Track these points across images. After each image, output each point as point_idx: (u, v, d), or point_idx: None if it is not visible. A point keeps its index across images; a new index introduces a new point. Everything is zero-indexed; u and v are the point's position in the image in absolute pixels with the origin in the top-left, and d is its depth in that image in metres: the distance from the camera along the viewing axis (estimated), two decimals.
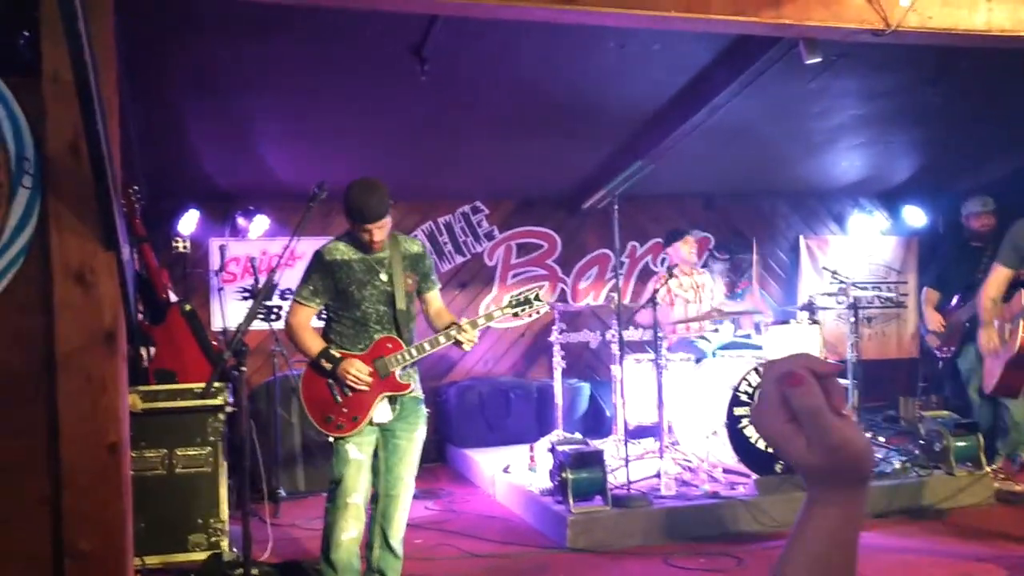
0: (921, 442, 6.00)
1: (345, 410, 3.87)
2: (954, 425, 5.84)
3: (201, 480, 4.83)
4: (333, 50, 4.98)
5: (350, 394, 3.87)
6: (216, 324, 7.09)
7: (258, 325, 6.86)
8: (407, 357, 3.91)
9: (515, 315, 4.13)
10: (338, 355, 3.87)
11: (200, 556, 4.74)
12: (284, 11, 4.31)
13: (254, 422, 6.08)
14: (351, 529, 3.89)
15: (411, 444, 4.05)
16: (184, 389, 4.90)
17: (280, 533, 5.46)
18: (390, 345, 3.92)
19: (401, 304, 3.97)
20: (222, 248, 7.05)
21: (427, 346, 3.93)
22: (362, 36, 4.81)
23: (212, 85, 5.34)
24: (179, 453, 4.82)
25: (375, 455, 3.99)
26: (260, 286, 5.33)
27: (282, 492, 6.22)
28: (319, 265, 3.96)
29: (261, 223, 7.11)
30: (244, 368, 3.57)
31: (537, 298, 4.10)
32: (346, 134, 6.25)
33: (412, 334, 4.04)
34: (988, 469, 5.79)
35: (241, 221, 7.09)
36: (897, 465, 5.84)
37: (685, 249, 6.77)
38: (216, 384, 4.75)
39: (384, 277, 3.97)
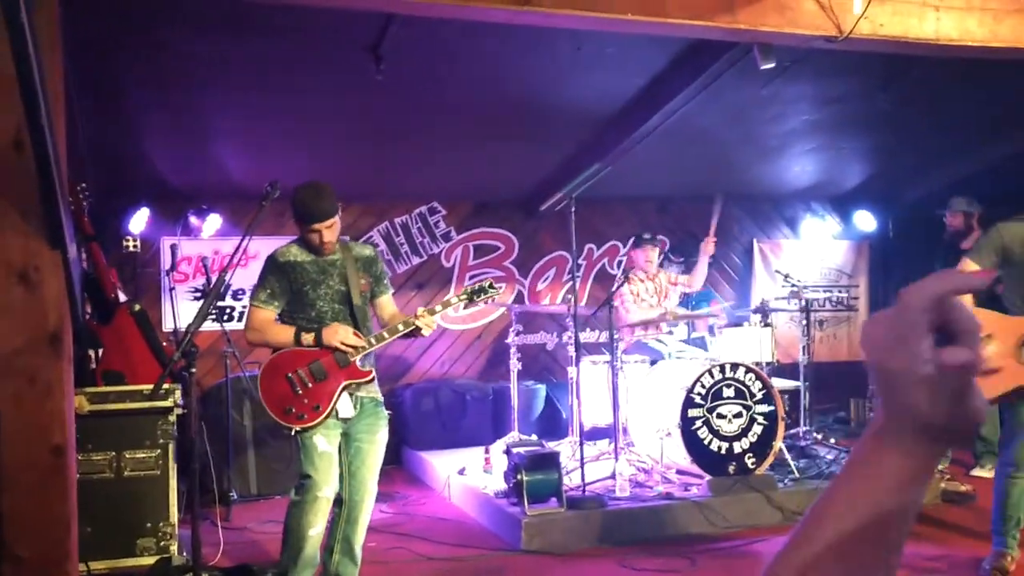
0: None
1: (306, 400, 3.86)
2: None
3: (150, 483, 4.74)
4: (288, 48, 4.93)
5: (311, 385, 3.85)
6: (167, 325, 6.97)
7: (210, 326, 6.80)
8: (365, 346, 3.92)
9: (470, 302, 4.14)
10: (313, 325, 3.90)
11: (148, 561, 4.65)
12: (238, 8, 4.26)
13: (205, 424, 6.00)
14: (319, 524, 3.88)
15: (373, 447, 4.05)
16: (133, 391, 4.81)
17: (232, 536, 5.39)
18: None
19: (357, 300, 4.00)
20: (173, 247, 6.94)
21: (386, 334, 3.95)
22: (317, 34, 4.76)
23: (164, 81, 5.25)
24: (127, 456, 4.72)
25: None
26: (212, 286, 5.25)
27: (234, 495, 6.14)
28: (273, 267, 3.97)
29: (213, 222, 7.01)
30: (194, 369, 3.51)
31: (492, 287, 4.11)
32: (301, 133, 6.19)
33: (370, 330, 4.04)
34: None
35: (193, 220, 6.98)
36: None
37: (642, 257, 6.82)
38: (166, 386, 4.67)
39: (337, 277, 3.99)
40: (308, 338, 3.88)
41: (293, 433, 3.89)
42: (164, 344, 5.64)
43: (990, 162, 7.71)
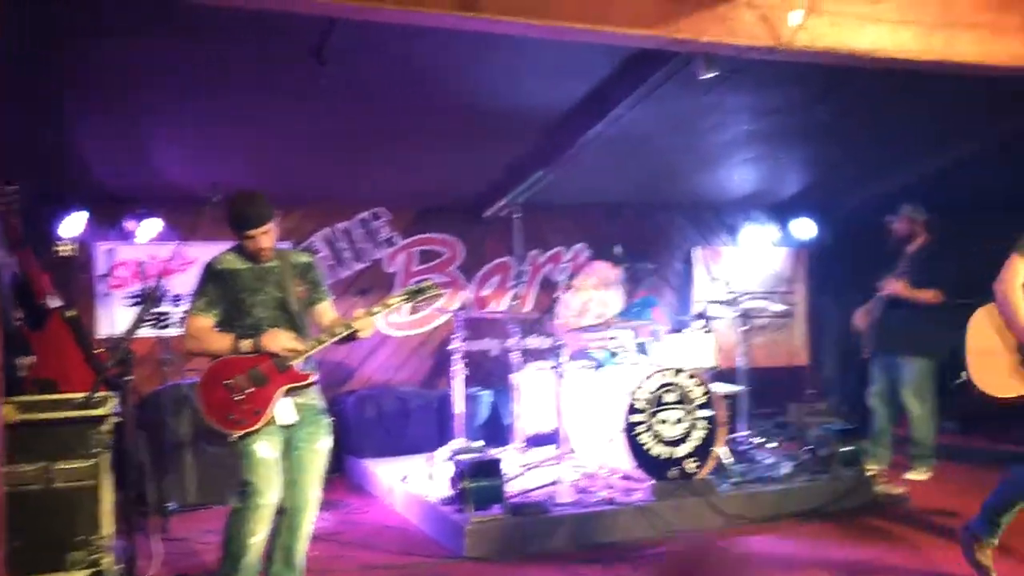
0: (809, 447, 6.21)
1: (246, 406, 3.82)
2: (839, 431, 6.06)
3: (82, 495, 4.60)
4: (230, 50, 4.86)
5: (250, 391, 3.82)
6: (102, 331, 6.82)
7: (148, 332, 6.67)
8: (306, 349, 3.89)
9: (410, 302, 4.12)
10: (251, 332, 3.86)
11: (80, 575, 4.52)
12: (176, 9, 4.19)
13: (143, 432, 5.87)
14: (260, 532, 3.83)
15: (315, 455, 4.02)
16: (65, 399, 4.67)
17: (169, 547, 5.27)
18: None
19: (295, 307, 3.97)
20: (109, 252, 6.78)
21: (325, 337, 3.93)
22: (260, 36, 4.70)
23: (100, 82, 5.13)
24: (59, 467, 4.57)
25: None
26: (149, 291, 5.15)
27: (172, 505, 6.01)
28: (210, 275, 3.95)
29: (151, 226, 6.86)
30: (131, 376, 3.44)
31: (432, 287, 4.09)
32: (242, 136, 6.11)
33: (309, 336, 4.00)
34: (870, 473, 6.03)
35: (130, 224, 6.83)
36: (786, 470, 6.03)
37: (606, 272, 6.87)
38: (100, 393, 4.55)
39: (274, 284, 3.97)
40: (246, 345, 3.84)
41: (234, 440, 3.83)
42: (99, 351, 5.51)
43: (925, 173, 7.92)
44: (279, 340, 3.84)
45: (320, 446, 4.03)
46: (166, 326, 7.06)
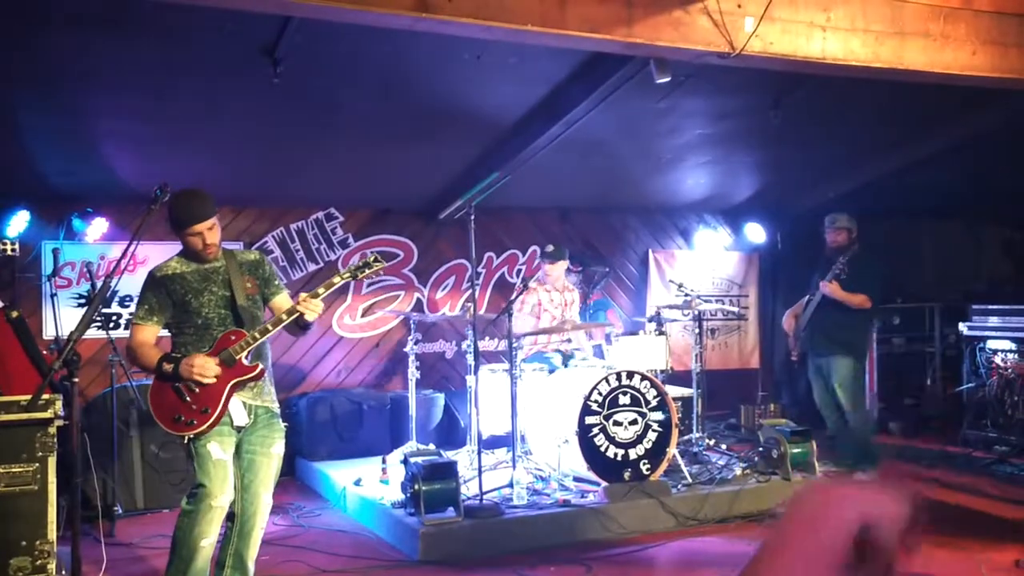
0: (760, 449, 6.29)
1: (195, 406, 3.77)
2: (790, 432, 6.15)
3: (26, 499, 4.49)
4: (181, 48, 4.78)
5: (197, 390, 3.76)
6: (48, 332, 6.68)
7: (95, 333, 6.55)
8: (250, 341, 3.84)
9: (355, 279, 4.03)
10: (177, 355, 3.81)
11: None
12: (129, 5, 4.11)
13: (89, 436, 5.75)
14: (211, 535, 3.77)
15: (268, 460, 3.98)
16: (8, 402, 4.56)
17: (116, 553, 5.18)
18: (233, 337, 3.86)
19: (242, 301, 3.92)
20: (55, 252, 6.63)
21: (270, 327, 3.88)
22: (212, 35, 4.63)
23: (47, 78, 5.02)
24: (2, 471, 4.47)
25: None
26: (97, 292, 5.05)
27: (119, 509, 5.90)
28: (151, 284, 3.92)
29: (99, 226, 6.74)
30: (77, 379, 3.36)
31: (376, 260, 4.03)
32: (193, 135, 6.02)
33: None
34: (820, 473, 6.13)
35: (77, 223, 6.70)
36: (738, 472, 6.10)
37: (556, 270, 6.87)
38: (45, 396, 4.45)
39: (220, 283, 3.93)
40: (168, 368, 3.76)
41: (186, 442, 3.77)
42: (44, 352, 5.40)
43: (873, 178, 8.08)
44: (195, 367, 3.74)
45: (275, 450, 3.99)
46: (114, 327, 6.94)
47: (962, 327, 7.99)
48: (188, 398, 3.76)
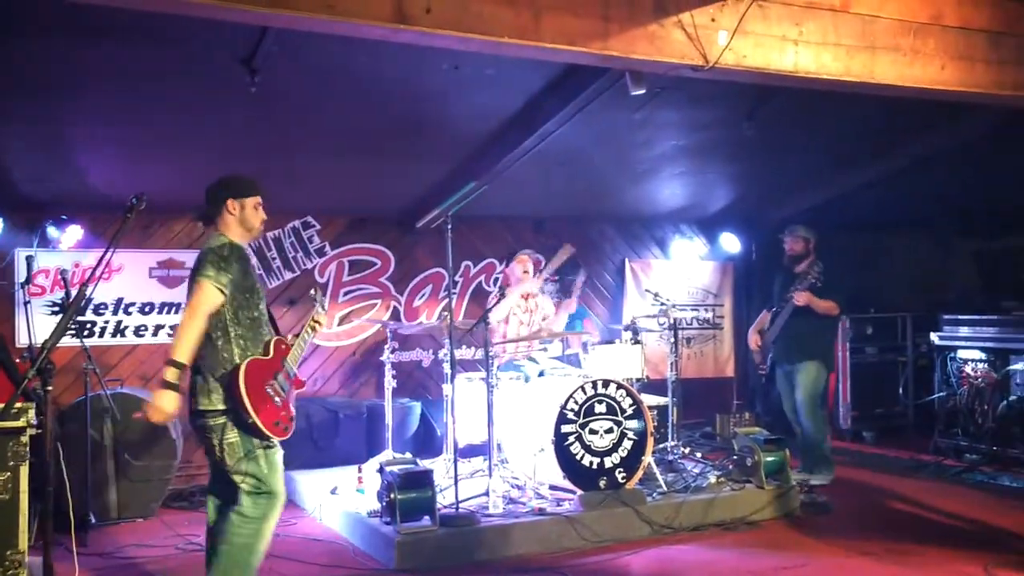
0: (735, 457, 6.34)
1: (284, 412, 3.83)
2: (764, 441, 6.21)
3: None
4: (158, 57, 4.77)
5: (284, 398, 3.83)
6: (21, 340, 6.62)
7: (69, 342, 6.49)
8: (297, 354, 3.92)
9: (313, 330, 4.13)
10: (176, 382, 3.66)
11: None
12: (105, 13, 4.10)
13: (62, 445, 5.71)
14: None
15: None
16: None
17: (89, 563, 5.15)
18: (284, 346, 3.91)
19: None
20: (29, 259, 6.59)
21: (302, 343, 3.96)
22: (189, 44, 4.63)
23: (21, 83, 4.99)
24: None
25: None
26: (71, 300, 5.02)
27: (92, 519, 5.86)
28: (240, 256, 3.82)
29: (74, 233, 6.69)
30: (50, 387, 3.35)
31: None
32: (170, 143, 6.00)
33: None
34: (795, 481, 6.20)
35: (52, 231, 6.65)
36: (713, 480, 6.15)
37: (519, 268, 6.86)
38: (18, 405, 4.42)
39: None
40: (167, 373, 3.68)
41: (265, 446, 3.79)
42: (17, 361, 5.36)
43: (844, 189, 8.19)
44: (160, 402, 3.65)
45: None
46: (89, 335, 6.90)
47: (933, 337, 8.11)
48: (280, 403, 3.80)
